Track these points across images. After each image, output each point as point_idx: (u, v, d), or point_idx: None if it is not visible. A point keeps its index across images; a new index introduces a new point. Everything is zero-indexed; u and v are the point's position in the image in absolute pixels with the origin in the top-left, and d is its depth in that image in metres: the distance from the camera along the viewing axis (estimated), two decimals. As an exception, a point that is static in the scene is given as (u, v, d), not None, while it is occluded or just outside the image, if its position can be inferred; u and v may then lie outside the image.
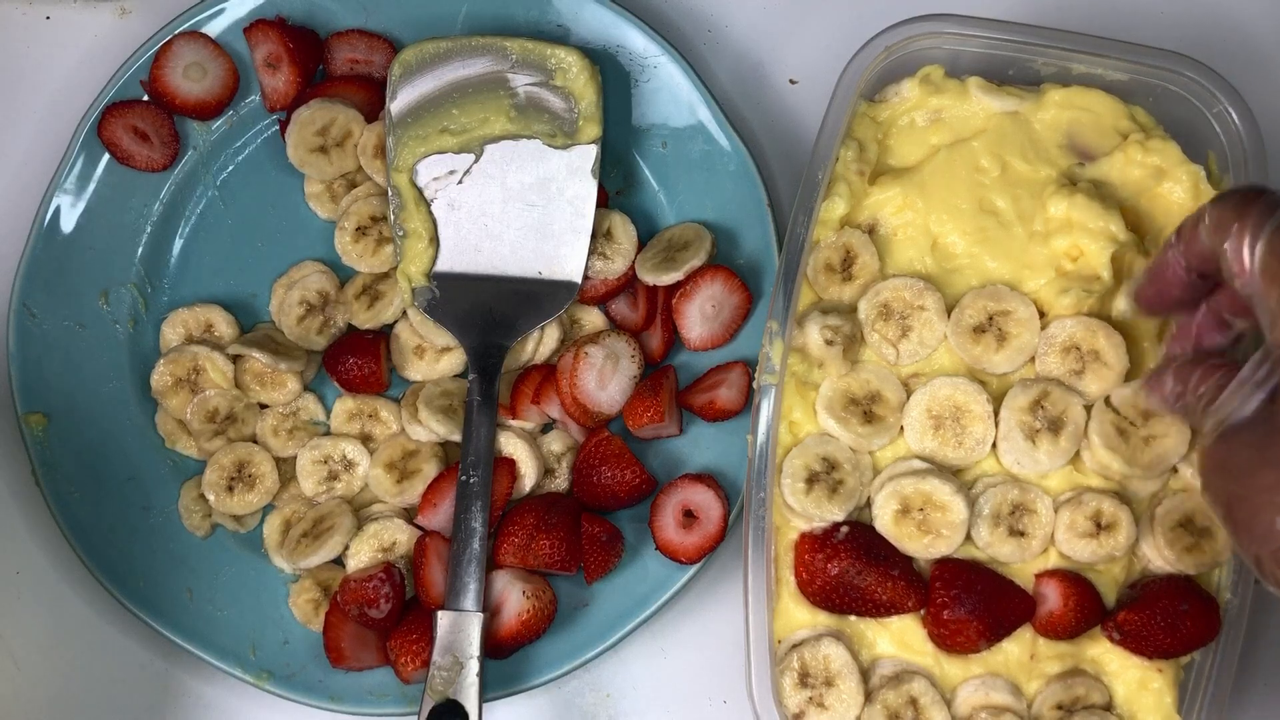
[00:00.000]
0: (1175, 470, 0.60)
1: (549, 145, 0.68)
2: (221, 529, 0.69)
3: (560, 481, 0.67)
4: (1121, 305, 0.60)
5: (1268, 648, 0.67)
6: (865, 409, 0.61)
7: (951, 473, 0.60)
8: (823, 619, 0.60)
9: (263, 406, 0.69)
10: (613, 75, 0.70)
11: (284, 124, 0.71)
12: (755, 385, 0.61)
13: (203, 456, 0.69)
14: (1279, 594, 0.46)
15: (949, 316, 0.62)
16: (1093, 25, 0.67)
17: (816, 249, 0.62)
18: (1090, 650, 0.60)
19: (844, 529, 0.59)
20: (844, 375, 0.61)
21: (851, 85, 0.62)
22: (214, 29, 0.71)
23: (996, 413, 0.60)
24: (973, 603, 0.58)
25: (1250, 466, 0.46)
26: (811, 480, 0.60)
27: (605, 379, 0.66)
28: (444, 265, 0.68)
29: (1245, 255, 0.48)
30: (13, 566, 0.70)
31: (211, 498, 0.68)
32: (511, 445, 0.66)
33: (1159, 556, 0.60)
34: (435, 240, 0.68)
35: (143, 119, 0.70)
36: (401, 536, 0.66)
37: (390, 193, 0.68)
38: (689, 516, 0.64)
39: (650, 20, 0.70)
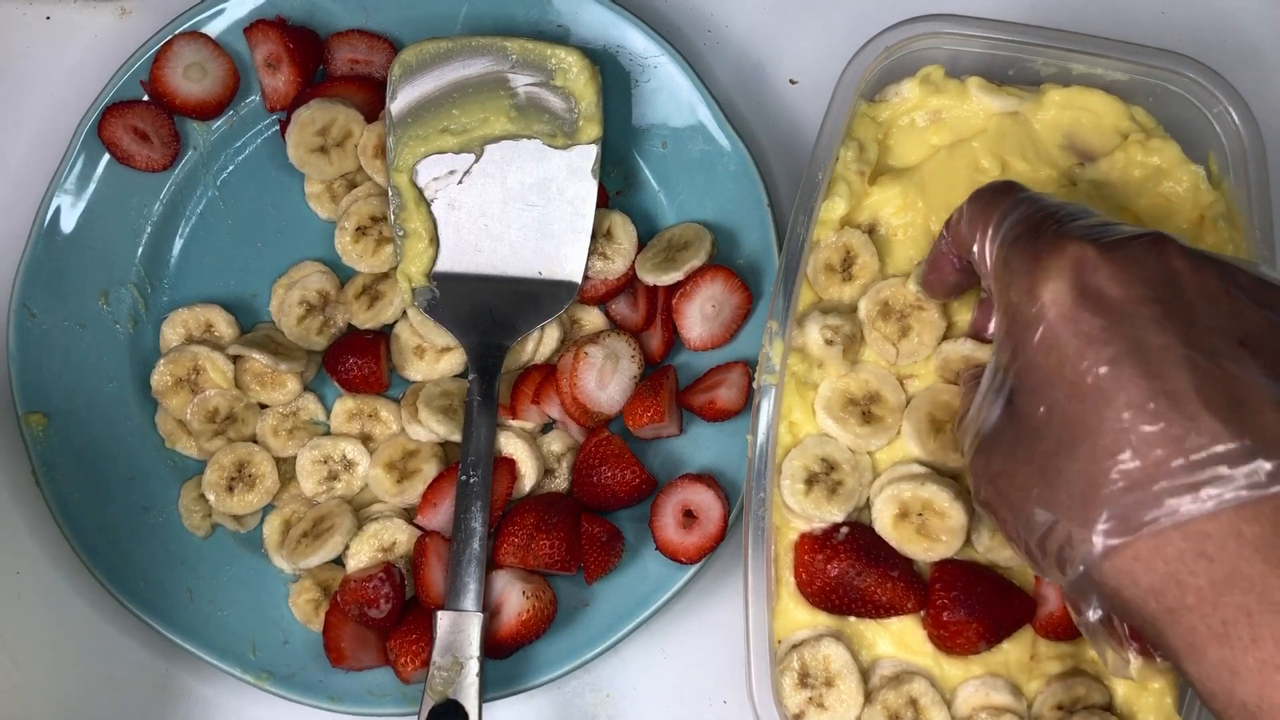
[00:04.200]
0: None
1: (549, 145, 0.68)
2: (221, 529, 0.69)
3: (560, 481, 0.67)
4: (911, 286, 0.61)
5: (1268, 648, 0.67)
6: (864, 409, 0.61)
7: (951, 477, 0.60)
8: (823, 619, 0.60)
9: (263, 406, 0.69)
10: (613, 75, 0.70)
11: (284, 124, 0.71)
12: (755, 385, 0.61)
13: (203, 456, 0.69)
14: (1054, 582, 0.48)
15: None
16: (1093, 25, 0.67)
17: (816, 249, 0.62)
18: (1090, 650, 0.60)
19: (844, 530, 0.59)
20: (843, 375, 0.61)
21: (851, 85, 0.62)
22: (214, 29, 0.71)
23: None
24: (973, 604, 0.58)
25: (1006, 469, 0.48)
26: (811, 481, 0.60)
27: (605, 379, 0.66)
28: (444, 265, 0.68)
29: (986, 254, 0.51)
30: (13, 566, 0.70)
31: (211, 498, 0.68)
32: (511, 445, 0.66)
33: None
34: (435, 240, 0.68)
35: (143, 119, 0.70)
36: (401, 536, 0.66)
37: (390, 193, 0.68)
38: (689, 516, 0.64)
39: (650, 20, 0.70)
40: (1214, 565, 0.41)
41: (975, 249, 0.51)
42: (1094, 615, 0.47)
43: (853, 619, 0.60)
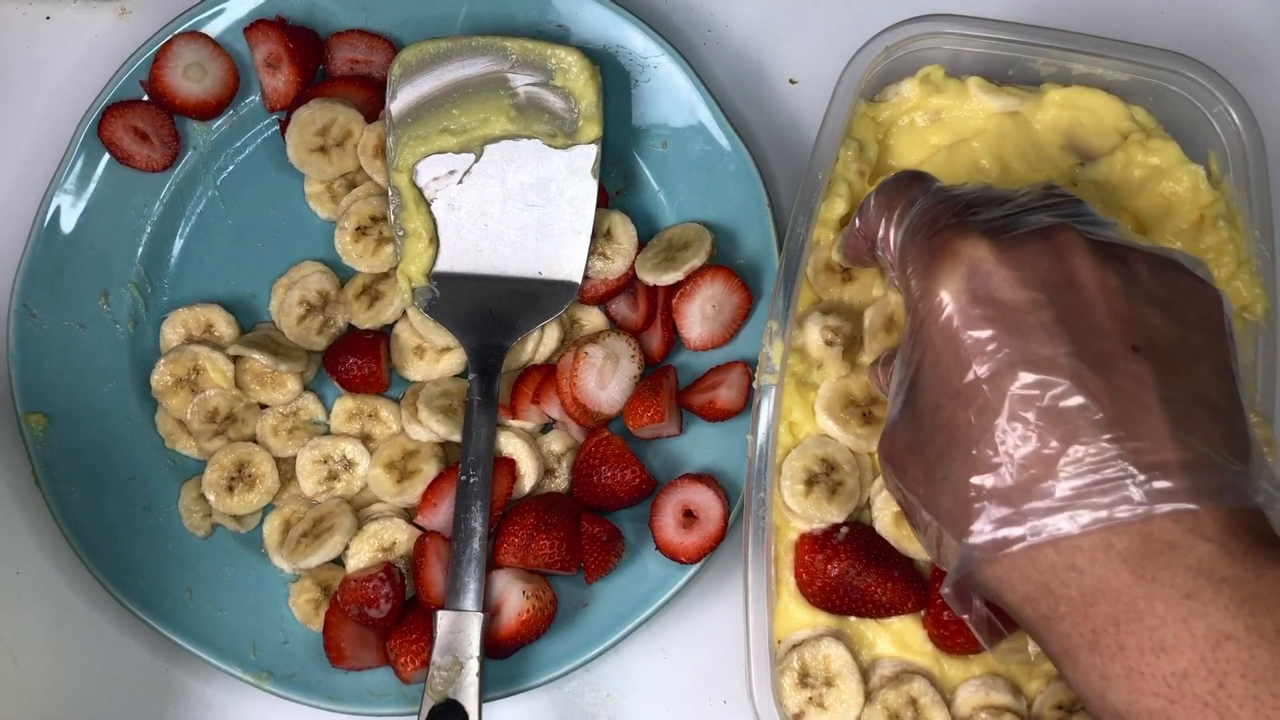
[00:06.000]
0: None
1: (549, 145, 0.68)
2: (221, 529, 0.69)
3: (560, 481, 0.67)
4: (835, 255, 0.62)
5: (1268, 648, 0.67)
6: (865, 410, 0.61)
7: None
8: (823, 619, 0.60)
9: (263, 406, 0.69)
10: (613, 75, 0.70)
11: (284, 124, 0.71)
12: (755, 385, 0.61)
13: (203, 456, 0.69)
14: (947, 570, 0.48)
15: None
16: (1093, 25, 0.67)
17: (816, 249, 0.62)
18: (1090, 650, 0.60)
19: (844, 530, 0.59)
20: (844, 376, 0.61)
21: (851, 85, 0.62)
22: (214, 29, 0.71)
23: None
24: (973, 603, 0.58)
25: (903, 461, 0.47)
26: (811, 482, 0.60)
27: (605, 379, 0.66)
28: (444, 265, 0.68)
29: (891, 248, 0.50)
30: (13, 566, 0.70)
31: (211, 498, 0.68)
32: (511, 445, 0.66)
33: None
34: (435, 240, 0.68)
35: (143, 119, 0.70)
36: (401, 536, 0.66)
37: (390, 193, 0.68)
38: (689, 516, 0.64)
39: (650, 20, 0.70)
40: (1084, 577, 0.41)
41: (880, 239, 0.51)
42: (974, 615, 0.48)
43: (853, 619, 0.60)
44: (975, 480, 0.43)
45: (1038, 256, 0.44)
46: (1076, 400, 0.42)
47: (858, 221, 0.54)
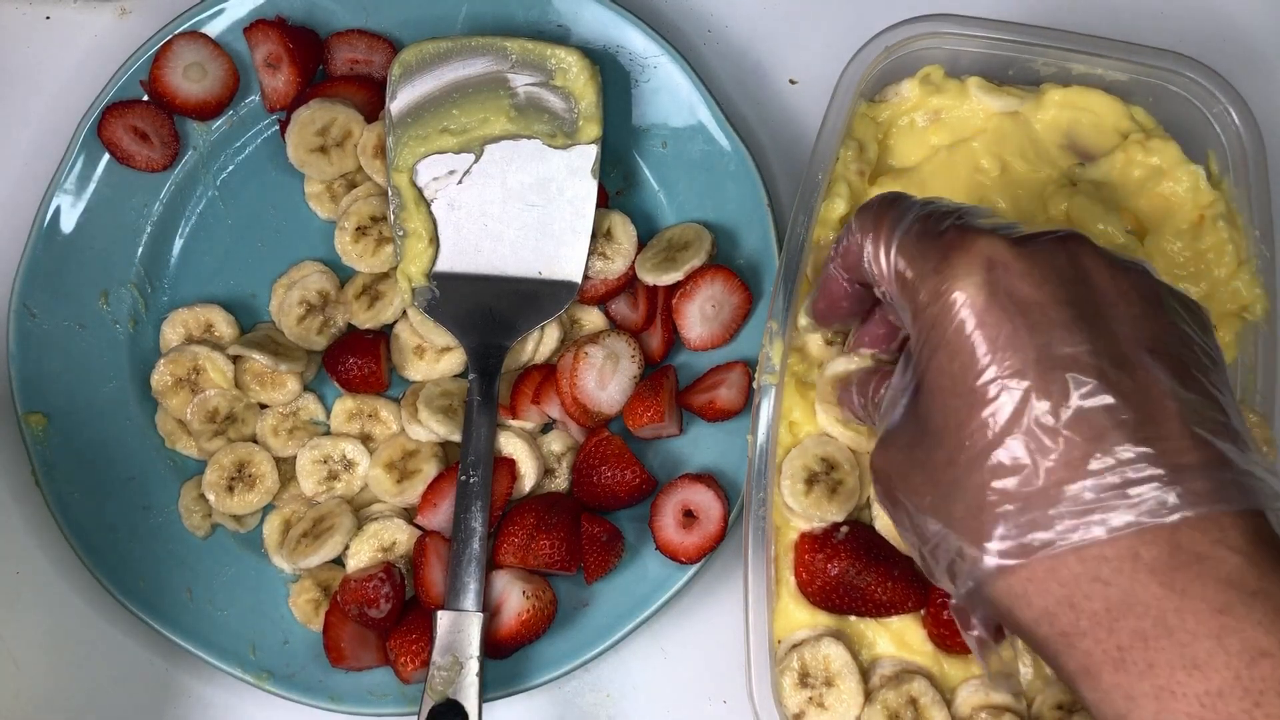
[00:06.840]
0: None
1: (549, 145, 0.68)
2: (221, 529, 0.69)
3: (560, 481, 0.67)
4: (802, 321, 0.59)
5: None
6: (865, 409, 0.61)
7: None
8: (823, 619, 0.60)
9: (263, 406, 0.69)
10: (613, 75, 0.70)
11: (284, 124, 0.71)
12: (755, 385, 0.61)
13: (203, 456, 0.69)
14: (945, 589, 0.46)
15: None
16: (1093, 25, 0.67)
17: (816, 249, 0.62)
18: (1090, 650, 0.60)
19: (844, 529, 0.59)
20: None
21: (851, 85, 0.62)
22: (214, 29, 0.71)
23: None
24: (973, 603, 0.58)
25: (903, 470, 0.46)
26: (811, 481, 0.60)
27: (605, 379, 0.66)
28: (444, 265, 0.68)
29: (882, 261, 0.48)
30: (13, 566, 0.70)
31: (211, 498, 0.68)
32: (511, 445, 0.66)
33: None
34: (435, 240, 0.68)
35: (143, 119, 0.70)
36: (401, 536, 0.66)
37: (390, 193, 0.68)
38: (689, 516, 0.64)
39: (650, 20, 0.70)
40: (1109, 589, 0.40)
41: (868, 255, 0.48)
42: (977, 633, 0.46)
43: (853, 619, 0.60)
44: (997, 484, 0.41)
45: (1053, 256, 0.43)
46: (1104, 400, 0.41)
47: (834, 260, 0.52)
